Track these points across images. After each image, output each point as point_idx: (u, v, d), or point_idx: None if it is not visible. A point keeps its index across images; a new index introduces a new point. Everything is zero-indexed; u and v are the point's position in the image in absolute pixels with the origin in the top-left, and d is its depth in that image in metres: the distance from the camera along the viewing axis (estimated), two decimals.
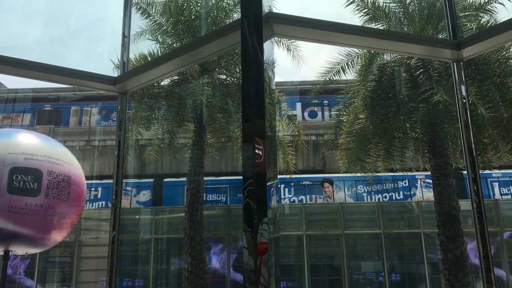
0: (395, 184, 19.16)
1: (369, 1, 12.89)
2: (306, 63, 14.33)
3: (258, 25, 2.44)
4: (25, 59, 3.38)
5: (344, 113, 14.16)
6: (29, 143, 6.44)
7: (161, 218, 18.06)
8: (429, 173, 13.82)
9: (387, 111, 12.90)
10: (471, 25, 12.00)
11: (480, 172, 3.49)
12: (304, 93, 19.13)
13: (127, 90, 3.71)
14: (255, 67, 2.38)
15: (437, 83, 11.53)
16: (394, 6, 12.99)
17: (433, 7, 12.33)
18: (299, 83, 21.94)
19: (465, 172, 3.26)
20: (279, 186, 18.23)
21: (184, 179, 14.99)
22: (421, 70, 12.08)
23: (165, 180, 20.06)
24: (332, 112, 16.39)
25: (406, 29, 12.96)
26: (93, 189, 19.20)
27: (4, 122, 23.26)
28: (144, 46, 14.32)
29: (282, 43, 13.88)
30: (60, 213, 6.28)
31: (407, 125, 13.26)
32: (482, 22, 12.34)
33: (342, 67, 13.45)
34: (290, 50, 13.94)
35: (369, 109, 12.72)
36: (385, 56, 13.22)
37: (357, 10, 12.92)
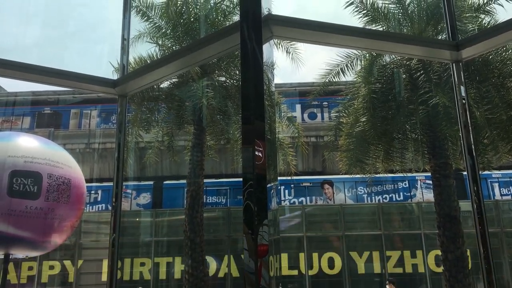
0: (395, 185, 19.17)
1: (368, 2, 12.91)
2: (305, 64, 14.31)
3: (257, 27, 2.44)
4: (24, 61, 3.38)
5: (344, 114, 14.16)
6: (29, 146, 6.44)
7: (161, 220, 18.05)
8: (429, 174, 13.81)
9: (387, 113, 12.90)
10: (472, 27, 12.01)
11: (480, 172, 3.49)
12: (304, 94, 19.13)
13: (126, 92, 3.70)
14: (254, 69, 2.38)
15: (436, 86, 11.54)
16: (393, 7, 13.01)
17: (436, 8, 12.32)
18: (299, 85, 21.96)
19: (465, 173, 3.26)
20: (279, 187, 18.22)
21: (184, 181, 14.98)
22: (421, 71, 12.08)
23: (165, 182, 20.06)
24: (332, 114, 16.40)
25: (405, 30, 12.97)
26: (93, 192, 19.20)
27: (4, 125, 23.28)
28: (144, 49, 14.34)
29: (281, 46, 13.90)
30: (60, 216, 6.27)
31: (407, 126, 13.26)
32: (484, 23, 12.36)
33: (341, 69, 13.46)
34: (289, 52, 13.95)
35: (369, 110, 12.72)
36: (385, 58, 13.22)
37: (356, 11, 12.96)
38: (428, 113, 11.88)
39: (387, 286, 13.61)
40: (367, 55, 13.22)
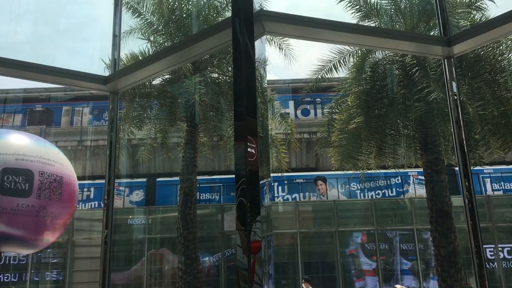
0: (388, 181, 19.24)
1: None
2: (297, 60, 14.31)
3: (249, 23, 2.43)
4: (15, 59, 3.35)
5: (337, 110, 14.18)
6: (20, 143, 6.39)
7: (154, 217, 18.01)
8: (421, 169, 13.87)
9: (380, 109, 12.93)
10: (465, 23, 12.05)
11: (472, 168, 3.50)
12: (297, 91, 19.14)
13: (118, 89, 3.68)
14: (246, 65, 2.37)
15: (434, 81, 11.57)
16: (385, 3, 13.03)
17: (428, 3, 12.37)
18: (291, 81, 21.96)
19: (457, 168, 3.27)
20: (272, 184, 18.23)
21: (177, 178, 14.96)
22: (416, 68, 12.11)
23: (158, 179, 20.01)
24: (325, 110, 16.41)
25: (397, 26, 12.99)
26: (85, 189, 19.11)
27: None
28: (135, 46, 14.25)
29: (274, 42, 13.88)
30: (52, 214, 6.24)
31: (399, 122, 13.30)
32: (476, 19, 12.41)
33: (334, 65, 13.47)
34: (282, 49, 13.94)
35: (362, 107, 12.74)
36: (377, 54, 13.24)
37: (349, 7, 12.97)
38: (421, 109, 11.91)
39: (303, 285, 13.52)
40: (359, 51, 13.23)
